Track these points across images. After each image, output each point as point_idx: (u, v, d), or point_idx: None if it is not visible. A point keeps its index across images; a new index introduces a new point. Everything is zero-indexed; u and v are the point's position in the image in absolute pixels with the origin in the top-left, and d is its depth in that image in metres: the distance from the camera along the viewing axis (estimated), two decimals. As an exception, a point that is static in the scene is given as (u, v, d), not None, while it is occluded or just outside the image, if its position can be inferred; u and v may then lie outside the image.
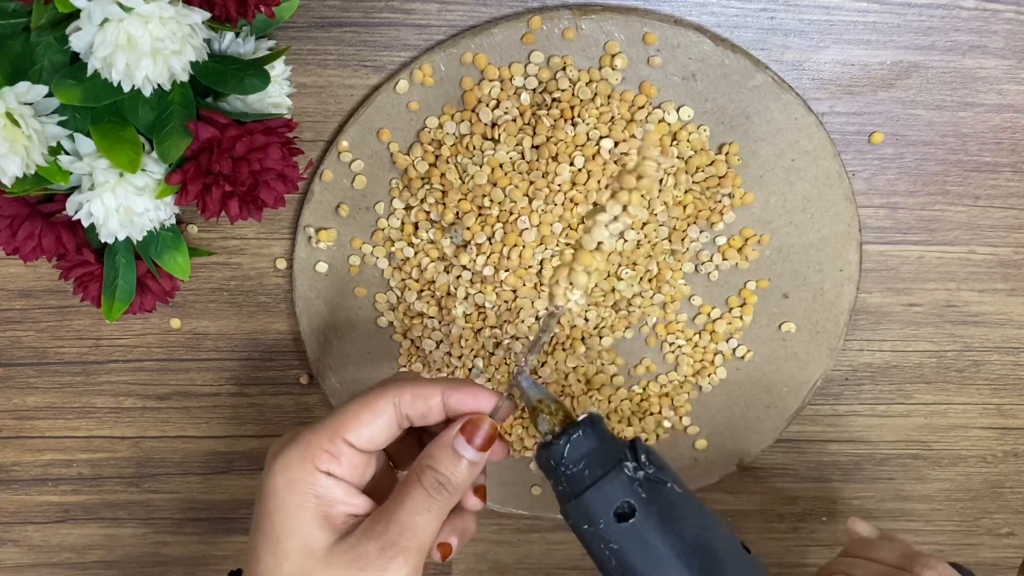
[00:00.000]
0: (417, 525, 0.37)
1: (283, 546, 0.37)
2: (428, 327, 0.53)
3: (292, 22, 0.48)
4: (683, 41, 0.48)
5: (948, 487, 0.62)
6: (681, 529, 0.38)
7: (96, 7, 0.35)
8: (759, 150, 0.50)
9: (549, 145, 0.49)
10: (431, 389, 0.38)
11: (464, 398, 0.38)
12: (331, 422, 0.38)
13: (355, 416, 0.38)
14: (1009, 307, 0.56)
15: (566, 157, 0.49)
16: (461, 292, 0.52)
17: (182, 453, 0.59)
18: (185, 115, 0.41)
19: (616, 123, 0.49)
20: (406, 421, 0.39)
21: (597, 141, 0.49)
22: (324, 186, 0.51)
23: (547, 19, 0.47)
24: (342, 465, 0.38)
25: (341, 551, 0.37)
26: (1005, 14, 0.49)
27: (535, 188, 0.49)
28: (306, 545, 0.37)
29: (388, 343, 0.54)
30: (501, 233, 0.50)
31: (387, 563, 0.36)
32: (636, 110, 0.49)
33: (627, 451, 0.38)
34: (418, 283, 0.52)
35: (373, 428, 0.38)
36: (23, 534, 0.61)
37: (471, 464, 0.38)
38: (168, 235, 0.47)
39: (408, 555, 0.36)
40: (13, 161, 0.37)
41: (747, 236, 0.52)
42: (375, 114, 0.49)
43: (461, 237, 0.50)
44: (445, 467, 0.37)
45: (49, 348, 0.56)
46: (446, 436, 0.38)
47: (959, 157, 0.52)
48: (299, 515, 0.37)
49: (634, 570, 0.37)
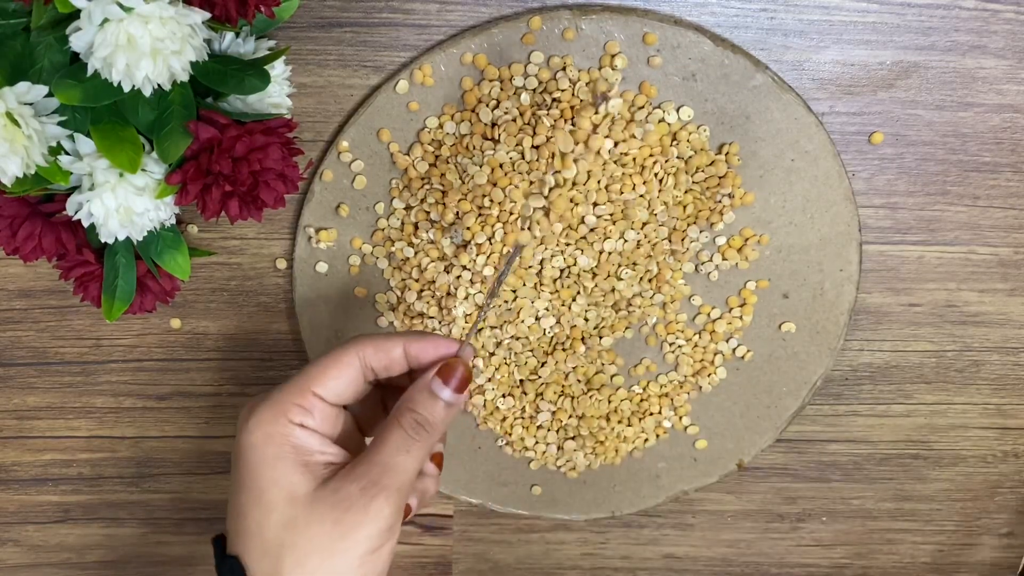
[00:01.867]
0: (399, 465, 0.38)
1: (267, 496, 0.38)
2: (428, 327, 0.53)
3: (292, 22, 0.48)
4: (683, 41, 0.48)
5: (948, 487, 0.62)
6: None
7: (96, 7, 0.35)
8: (759, 150, 0.50)
9: (550, 145, 0.49)
10: (393, 342, 0.40)
11: (425, 346, 0.40)
12: (300, 378, 0.39)
13: (323, 371, 0.39)
14: (1009, 307, 0.56)
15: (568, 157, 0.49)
16: (461, 292, 0.52)
17: (182, 453, 0.59)
18: (185, 115, 0.41)
19: (616, 123, 0.49)
20: (371, 374, 0.40)
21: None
22: (324, 186, 0.51)
23: (547, 19, 0.47)
24: (315, 417, 0.39)
25: (324, 495, 0.37)
26: (1005, 14, 0.49)
27: (535, 188, 0.49)
28: (289, 492, 0.37)
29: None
30: (501, 233, 0.50)
31: (369, 502, 0.37)
32: (636, 110, 0.49)
33: None
34: (418, 283, 0.52)
35: (340, 381, 0.39)
36: (23, 534, 0.61)
37: (448, 405, 0.40)
38: (168, 235, 0.47)
39: (389, 494, 0.37)
40: (13, 161, 0.37)
41: (747, 236, 0.52)
42: (375, 114, 0.49)
43: (461, 237, 0.50)
44: (424, 408, 0.39)
45: (49, 348, 0.56)
46: (424, 380, 0.40)
47: (959, 157, 0.52)
48: (279, 465, 0.38)
49: None
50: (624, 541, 0.63)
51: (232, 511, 0.39)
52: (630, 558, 0.63)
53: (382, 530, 0.37)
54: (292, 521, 0.37)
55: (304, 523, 0.37)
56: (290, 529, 0.37)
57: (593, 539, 0.62)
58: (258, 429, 0.38)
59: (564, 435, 0.56)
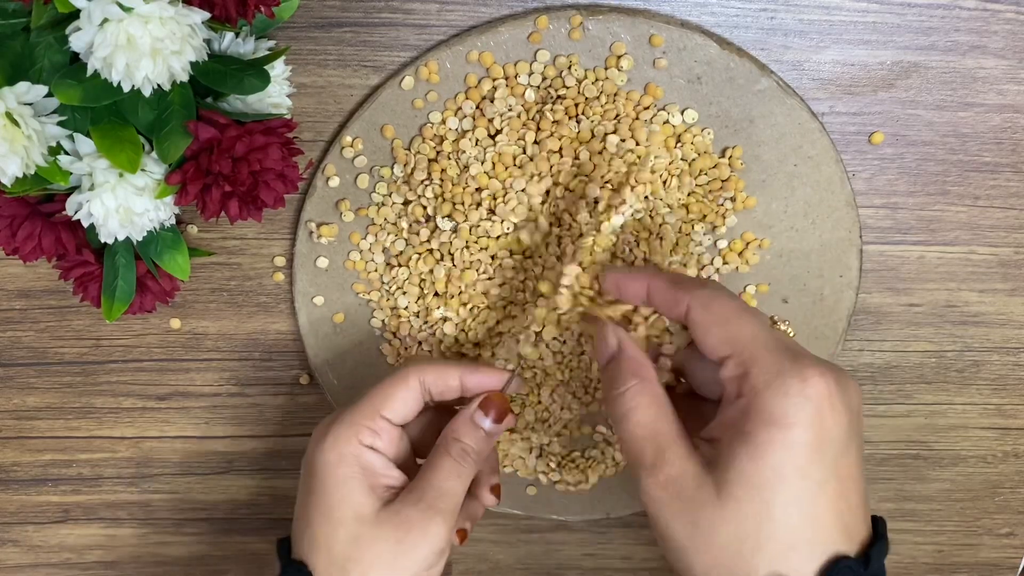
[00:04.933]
0: (451, 490, 0.43)
1: (336, 513, 0.42)
2: (411, 325, 0.53)
3: (292, 22, 0.48)
4: (689, 44, 0.48)
5: (948, 487, 0.62)
6: None
7: (96, 7, 0.35)
8: (762, 154, 0.50)
9: (552, 140, 0.49)
10: (451, 371, 0.45)
11: (481, 379, 0.45)
12: (368, 400, 0.44)
13: (389, 394, 0.44)
14: (1009, 307, 0.56)
15: (570, 152, 0.49)
16: (452, 288, 0.52)
17: (182, 453, 0.59)
18: (185, 115, 0.41)
19: (622, 120, 0.49)
20: (428, 396, 0.45)
21: (603, 137, 0.49)
22: (327, 181, 0.51)
23: (554, 19, 0.47)
24: (382, 439, 0.44)
25: (387, 516, 0.42)
26: (1005, 14, 0.49)
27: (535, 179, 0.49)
28: (357, 512, 0.42)
29: (383, 340, 0.54)
30: (498, 228, 0.50)
31: (427, 524, 0.42)
32: (642, 110, 0.49)
33: None
34: (417, 281, 0.52)
35: (406, 403, 0.44)
36: (23, 534, 0.61)
37: (488, 434, 0.44)
38: (168, 235, 0.47)
39: (444, 516, 0.42)
40: (13, 161, 0.37)
41: (748, 240, 0.52)
42: (380, 110, 0.49)
43: (456, 226, 0.51)
44: (467, 437, 0.44)
45: (49, 348, 0.56)
46: (466, 412, 0.45)
47: (959, 157, 0.52)
48: (349, 485, 0.42)
49: None
50: (625, 541, 0.62)
51: (300, 519, 0.43)
52: (631, 558, 0.63)
53: (437, 550, 0.42)
54: (358, 538, 0.41)
55: (369, 540, 0.41)
56: (356, 544, 0.41)
57: (594, 539, 0.62)
58: (333, 449, 0.43)
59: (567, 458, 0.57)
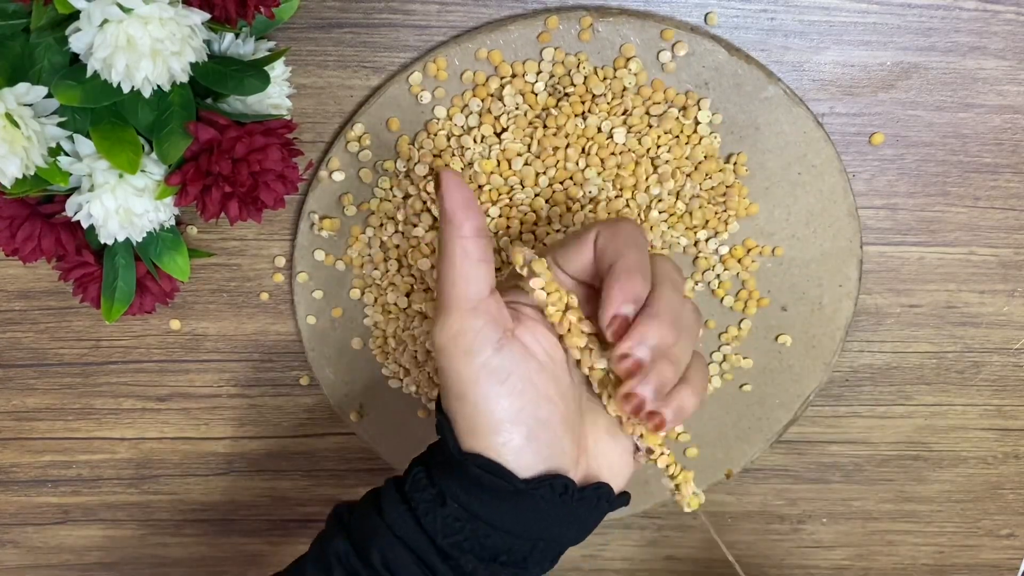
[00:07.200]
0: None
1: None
2: (403, 325, 0.53)
3: (292, 23, 0.48)
4: (698, 49, 0.48)
5: (949, 488, 0.62)
6: None
7: (96, 8, 0.35)
8: (767, 162, 0.50)
9: (559, 137, 0.48)
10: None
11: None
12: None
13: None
14: (1009, 308, 0.56)
15: (576, 148, 0.49)
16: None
17: (181, 454, 0.59)
18: (185, 116, 0.40)
19: (632, 115, 0.49)
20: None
21: (609, 133, 0.49)
22: (331, 174, 0.50)
23: (564, 19, 0.47)
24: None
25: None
26: (1005, 15, 0.49)
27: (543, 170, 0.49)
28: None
29: (371, 336, 0.54)
30: (505, 224, 0.50)
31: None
32: (652, 105, 0.49)
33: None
34: (415, 279, 0.52)
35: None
36: (22, 535, 0.61)
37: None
38: (168, 236, 0.47)
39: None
40: (13, 162, 0.37)
41: (749, 247, 0.52)
42: (386, 105, 0.49)
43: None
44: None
45: (48, 349, 0.56)
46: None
47: (959, 158, 0.52)
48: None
49: None
50: (624, 543, 0.62)
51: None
52: (631, 560, 0.63)
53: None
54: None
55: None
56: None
57: (593, 540, 0.62)
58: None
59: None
